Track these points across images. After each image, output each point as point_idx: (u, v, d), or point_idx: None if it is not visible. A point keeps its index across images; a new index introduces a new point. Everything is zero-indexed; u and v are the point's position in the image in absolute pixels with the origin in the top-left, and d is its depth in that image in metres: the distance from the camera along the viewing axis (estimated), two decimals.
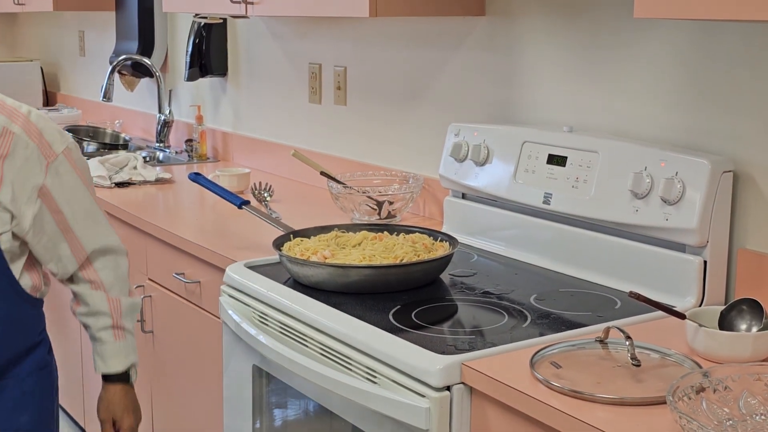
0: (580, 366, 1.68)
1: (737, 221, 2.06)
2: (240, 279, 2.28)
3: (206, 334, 2.64)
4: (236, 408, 2.33)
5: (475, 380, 1.69)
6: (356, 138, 3.24)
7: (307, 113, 3.48)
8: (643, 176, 2.08)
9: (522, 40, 2.55)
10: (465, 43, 2.73)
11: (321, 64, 3.36)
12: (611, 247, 2.17)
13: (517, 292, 2.14)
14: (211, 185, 2.69)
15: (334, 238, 2.35)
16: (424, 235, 2.36)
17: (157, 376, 2.99)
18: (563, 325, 1.92)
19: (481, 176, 2.49)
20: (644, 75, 2.24)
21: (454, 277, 2.26)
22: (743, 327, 1.79)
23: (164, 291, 2.88)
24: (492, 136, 2.49)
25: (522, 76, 2.56)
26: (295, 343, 2.05)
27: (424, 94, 2.91)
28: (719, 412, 1.47)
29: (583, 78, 2.39)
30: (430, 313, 2.03)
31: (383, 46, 3.06)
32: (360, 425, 1.90)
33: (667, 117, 2.20)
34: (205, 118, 4.07)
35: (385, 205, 2.76)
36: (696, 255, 2.02)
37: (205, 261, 2.58)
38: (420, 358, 1.75)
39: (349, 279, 2.11)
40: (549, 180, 2.31)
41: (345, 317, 1.97)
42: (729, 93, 2.06)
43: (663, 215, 2.05)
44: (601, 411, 1.52)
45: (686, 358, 1.70)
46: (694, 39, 2.11)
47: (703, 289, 2.02)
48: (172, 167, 3.88)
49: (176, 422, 2.92)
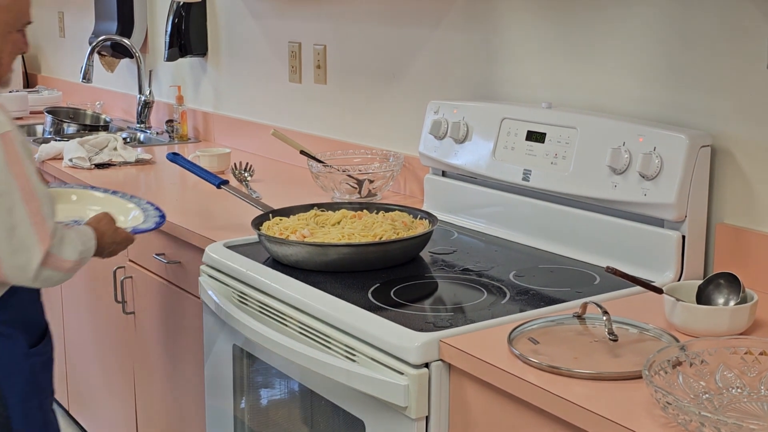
0: (558, 341, 1.68)
1: (715, 196, 2.06)
2: (219, 259, 2.27)
3: (187, 315, 2.64)
4: (218, 388, 2.33)
5: (453, 357, 1.69)
6: (336, 117, 3.23)
7: (288, 92, 3.46)
8: (621, 152, 2.08)
9: (500, 17, 2.54)
10: (444, 20, 2.72)
11: (300, 42, 3.34)
12: (590, 223, 2.17)
13: (496, 269, 2.14)
14: (189, 165, 2.68)
15: (314, 217, 2.34)
16: (404, 213, 2.35)
17: (138, 356, 2.99)
18: (542, 301, 1.93)
19: (460, 154, 2.49)
20: (622, 51, 2.23)
21: (434, 255, 2.26)
22: (721, 301, 1.79)
23: (145, 272, 2.87)
24: (471, 114, 2.48)
25: (500, 53, 2.55)
26: (274, 323, 2.05)
27: (403, 72, 2.90)
28: (696, 386, 1.48)
29: (561, 54, 2.39)
30: (409, 290, 2.02)
31: (362, 24, 3.05)
32: (340, 403, 1.90)
33: (645, 92, 2.19)
34: (185, 98, 4.05)
35: (366, 183, 2.75)
36: (674, 230, 2.03)
37: (185, 241, 2.57)
38: (398, 335, 1.75)
39: (328, 258, 2.10)
40: (528, 156, 2.31)
41: (324, 296, 1.97)
42: (706, 68, 2.05)
43: (641, 190, 2.05)
44: (578, 386, 1.52)
45: (664, 332, 1.70)
46: (672, 14, 2.11)
47: (681, 264, 2.03)
48: (153, 148, 3.86)
49: (158, 403, 2.92)
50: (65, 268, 2.00)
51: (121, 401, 3.13)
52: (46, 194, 1.98)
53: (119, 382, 3.12)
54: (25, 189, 1.92)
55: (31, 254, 1.93)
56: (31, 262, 1.93)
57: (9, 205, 1.92)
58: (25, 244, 1.93)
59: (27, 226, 1.92)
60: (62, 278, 2.02)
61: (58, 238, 1.98)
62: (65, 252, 1.99)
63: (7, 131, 1.93)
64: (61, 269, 1.99)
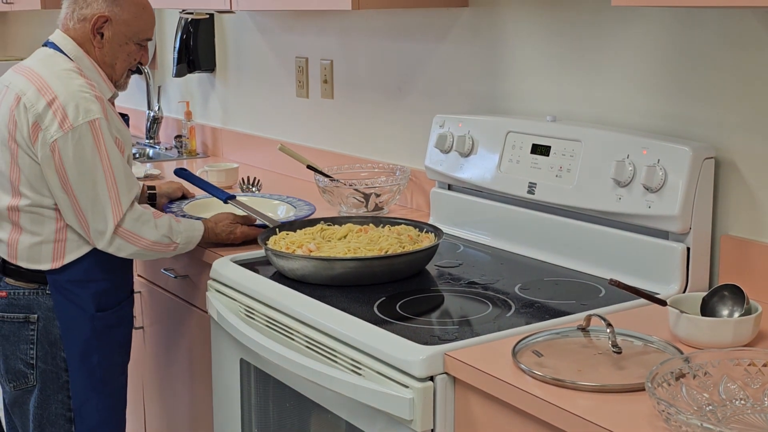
0: (562, 354, 1.69)
1: (720, 208, 2.06)
2: (226, 274, 2.29)
3: (195, 329, 2.65)
4: (225, 401, 2.34)
5: (458, 370, 1.70)
6: (343, 131, 3.24)
7: (295, 107, 3.48)
8: (625, 164, 2.09)
9: (505, 31, 2.55)
10: (449, 34, 2.74)
11: (307, 57, 3.36)
12: (595, 236, 2.18)
13: (502, 281, 2.15)
14: (196, 180, 2.70)
15: (320, 231, 2.35)
16: (410, 226, 2.36)
17: (147, 370, 3.00)
18: (547, 313, 1.93)
19: (466, 167, 2.50)
20: (626, 64, 2.24)
21: (440, 268, 2.27)
22: (725, 313, 1.79)
23: (153, 287, 2.89)
24: (476, 127, 2.49)
25: (505, 66, 2.57)
26: (281, 337, 2.06)
27: (409, 86, 2.92)
28: (699, 398, 1.48)
29: (565, 68, 2.40)
30: (415, 304, 2.03)
31: (368, 39, 3.06)
32: (346, 417, 1.91)
33: (649, 105, 2.20)
34: (194, 113, 4.07)
35: (372, 197, 2.76)
36: (679, 242, 2.03)
37: (193, 256, 2.59)
38: (403, 349, 1.75)
39: (334, 272, 2.11)
40: (533, 170, 2.32)
41: (330, 310, 1.98)
42: (709, 80, 2.06)
43: (646, 203, 2.05)
44: (582, 399, 1.52)
45: (668, 344, 1.71)
46: (674, 27, 2.12)
47: (686, 276, 2.03)
48: (162, 163, 3.88)
49: (167, 416, 2.93)
50: (141, 244, 2.33)
51: (129, 414, 3.14)
52: (125, 175, 2.32)
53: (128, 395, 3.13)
54: (106, 167, 2.27)
55: (107, 222, 2.29)
56: (106, 228, 2.29)
57: (93, 179, 2.27)
58: (103, 213, 2.29)
59: (105, 199, 2.28)
60: (138, 252, 2.35)
61: (137, 217, 2.32)
62: (144, 231, 2.33)
63: (96, 118, 2.26)
64: (136, 244, 2.32)
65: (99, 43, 2.39)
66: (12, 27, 6.33)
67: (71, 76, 2.32)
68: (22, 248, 2.36)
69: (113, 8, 2.38)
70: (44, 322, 2.38)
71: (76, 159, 2.25)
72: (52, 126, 2.24)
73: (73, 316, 2.39)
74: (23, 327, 2.39)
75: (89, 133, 2.25)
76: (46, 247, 2.35)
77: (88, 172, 2.26)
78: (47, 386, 2.42)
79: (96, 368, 2.43)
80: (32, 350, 2.40)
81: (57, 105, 2.25)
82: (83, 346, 2.40)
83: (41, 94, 2.27)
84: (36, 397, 2.42)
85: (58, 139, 2.24)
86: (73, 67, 2.34)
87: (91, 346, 2.41)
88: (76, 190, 2.27)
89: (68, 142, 2.24)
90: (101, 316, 2.42)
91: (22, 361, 2.41)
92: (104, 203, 2.27)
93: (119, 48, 2.40)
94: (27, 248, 2.36)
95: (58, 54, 2.38)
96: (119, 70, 2.44)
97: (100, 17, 2.37)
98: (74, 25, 2.38)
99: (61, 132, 2.24)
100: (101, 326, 2.42)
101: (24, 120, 2.27)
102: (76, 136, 2.24)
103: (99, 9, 2.37)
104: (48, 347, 2.40)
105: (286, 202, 2.81)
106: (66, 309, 2.38)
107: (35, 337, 2.39)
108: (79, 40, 2.38)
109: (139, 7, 2.43)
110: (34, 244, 2.35)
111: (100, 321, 2.42)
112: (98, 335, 2.42)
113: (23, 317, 2.39)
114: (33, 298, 2.38)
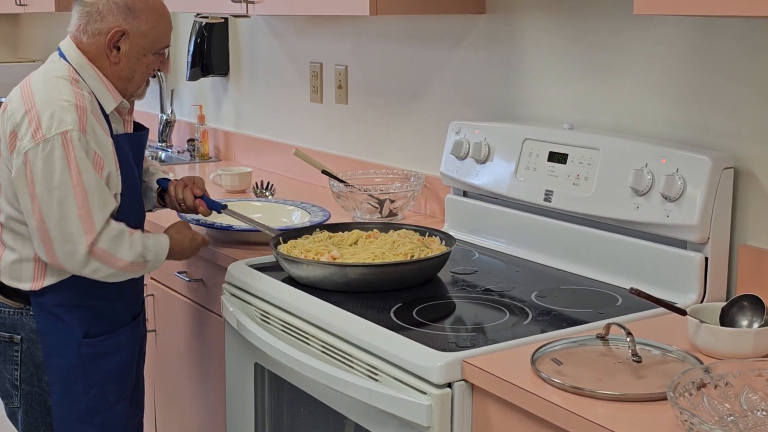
0: (581, 362, 1.68)
1: (738, 218, 2.06)
2: (242, 278, 2.29)
3: (209, 333, 2.65)
4: (239, 406, 2.33)
5: (477, 377, 1.69)
6: (358, 136, 3.24)
7: (309, 112, 3.48)
8: (643, 173, 2.08)
9: (522, 38, 2.55)
10: (465, 41, 2.74)
11: (322, 63, 3.36)
12: (612, 244, 2.17)
13: (518, 289, 2.14)
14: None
15: (327, 238, 2.34)
16: (410, 231, 2.36)
17: (160, 374, 3.00)
18: (564, 322, 1.93)
19: (482, 174, 2.50)
20: (644, 72, 2.24)
21: (456, 275, 2.26)
22: (744, 323, 1.78)
23: (167, 290, 2.89)
24: (493, 134, 2.49)
25: (522, 73, 2.56)
26: (296, 341, 2.06)
27: (424, 92, 2.92)
28: (720, 408, 1.47)
29: (583, 75, 2.39)
30: (431, 310, 2.03)
31: (384, 44, 3.07)
32: (362, 422, 1.90)
33: (668, 114, 2.20)
34: (207, 117, 4.07)
35: (387, 203, 2.76)
36: (697, 252, 2.02)
37: (207, 259, 2.59)
38: (421, 355, 1.75)
39: (368, 276, 2.10)
40: (550, 177, 2.31)
41: (347, 315, 1.98)
42: (729, 89, 2.06)
43: (664, 212, 2.05)
44: (602, 407, 1.52)
45: (687, 354, 1.70)
46: (694, 36, 2.11)
47: (704, 286, 2.02)
48: (174, 167, 3.88)
49: (179, 420, 2.93)
50: (118, 265, 2.15)
51: None
52: (98, 190, 2.11)
53: None
54: (76, 183, 2.08)
55: (77, 243, 2.10)
56: (77, 250, 2.10)
57: (61, 198, 2.08)
58: (72, 234, 2.09)
59: (74, 218, 2.09)
60: (115, 274, 2.16)
61: (113, 236, 2.13)
62: (120, 251, 2.14)
63: (68, 129, 2.08)
64: (112, 266, 2.14)
65: (115, 58, 2.22)
66: (24, 29, 6.34)
67: (58, 83, 2.16)
68: (4, 264, 2.25)
69: (130, 20, 2.20)
70: (28, 344, 2.26)
71: (44, 173, 2.08)
72: (26, 136, 2.10)
73: (57, 341, 2.24)
74: (8, 347, 2.29)
75: (60, 145, 2.07)
76: (26, 265, 2.22)
77: (56, 187, 2.08)
78: (33, 408, 2.30)
79: (81, 397, 2.27)
80: (17, 371, 2.28)
81: (33, 113, 2.11)
82: (66, 373, 2.25)
83: (23, 101, 2.14)
84: (22, 419, 2.32)
85: (29, 150, 2.08)
86: (64, 75, 2.18)
87: (75, 373, 2.26)
88: (44, 206, 2.09)
89: (38, 154, 2.08)
90: (89, 343, 2.26)
91: (9, 381, 2.31)
92: (73, 223, 2.09)
93: (137, 61, 2.24)
94: (8, 265, 2.24)
95: (61, 61, 2.23)
96: (137, 83, 2.28)
97: (117, 31, 2.19)
98: (87, 39, 2.21)
99: (33, 143, 2.08)
100: (88, 354, 2.26)
101: (5, 128, 2.16)
102: (47, 148, 2.07)
103: (115, 22, 2.19)
104: (33, 369, 2.28)
105: (301, 208, 2.80)
106: (50, 332, 2.24)
107: (19, 358, 2.27)
108: (92, 55, 2.21)
109: (156, 15, 2.25)
110: (14, 261, 2.23)
111: (88, 348, 2.26)
112: (84, 363, 2.26)
113: (8, 337, 2.28)
114: (17, 318, 2.26)
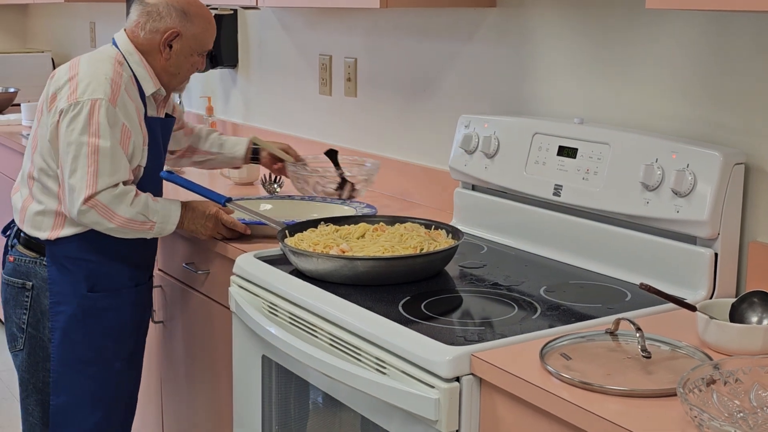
0: (590, 358, 1.68)
1: (748, 213, 2.05)
2: (250, 270, 2.28)
3: (216, 325, 2.65)
4: (246, 398, 2.33)
5: (485, 371, 1.69)
6: (366, 129, 3.24)
7: (318, 105, 3.48)
8: (654, 168, 2.07)
9: (533, 32, 2.54)
10: (476, 34, 2.73)
11: (331, 55, 3.36)
12: (622, 239, 2.17)
13: (526, 283, 2.14)
14: (187, 183, 2.56)
15: (334, 231, 2.34)
16: (416, 224, 2.35)
17: (167, 366, 3.00)
18: (573, 316, 1.92)
19: (491, 168, 2.49)
20: (655, 67, 2.23)
21: (464, 269, 2.26)
22: (754, 319, 1.78)
23: (174, 281, 2.89)
24: (502, 128, 2.48)
25: (533, 67, 2.56)
26: (304, 334, 2.05)
27: (434, 85, 2.91)
28: (730, 405, 1.47)
29: (594, 70, 2.38)
30: (440, 304, 2.02)
31: (394, 37, 3.06)
32: (369, 416, 1.90)
33: (679, 109, 2.19)
34: (215, 109, 4.07)
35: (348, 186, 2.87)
36: (707, 247, 2.02)
37: (215, 251, 2.59)
38: (429, 349, 1.75)
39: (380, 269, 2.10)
40: (559, 172, 2.31)
41: (354, 308, 1.97)
42: (741, 85, 2.05)
43: (674, 207, 2.04)
44: (611, 403, 1.52)
45: (697, 350, 1.70)
46: (706, 30, 2.10)
47: (714, 282, 2.02)
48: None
49: (186, 412, 2.93)
50: (115, 221, 2.38)
51: (148, 410, 3.15)
52: (111, 157, 2.36)
53: (147, 390, 3.13)
54: (92, 145, 2.34)
55: (79, 194, 2.35)
56: (77, 200, 2.35)
57: (75, 153, 2.35)
58: (77, 185, 2.35)
59: (83, 173, 2.34)
60: (116, 230, 2.40)
61: (117, 194, 2.37)
62: (119, 208, 2.37)
63: (99, 98, 2.37)
64: (110, 220, 2.37)
65: (167, 55, 2.52)
66: (33, 19, 6.35)
67: (103, 61, 2.46)
68: (29, 215, 2.50)
69: (185, 23, 2.51)
70: (37, 291, 2.52)
71: (68, 130, 2.36)
72: (63, 98, 2.40)
73: (64, 291, 2.51)
74: (21, 293, 2.55)
75: (87, 109, 2.36)
76: (48, 216, 2.48)
77: (73, 143, 2.35)
78: (35, 352, 2.55)
79: (77, 345, 2.53)
80: (25, 315, 2.54)
81: (75, 81, 2.41)
82: (67, 321, 2.51)
83: (69, 70, 2.46)
84: (24, 360, 2.57)
85: (63, 109, 2.38)
86: (111, 56, 2.49)
87: (75, 322, 2.51)
88: (62, 159, 2.38)
89: (68, 113, 2.37)
90: (91, 297, 2.53)
91: (16, 324, 2.57)
92: (80, 177, 2.34)
93: (185, 59, 2.54)
94: (32, 215, 2.50)
95: (113, 47, 2.53)
96: (181, 78, 2.58)
97: (173, 32, 2.51)
98: (144, 35, 2.51)
99: (66, 103, 2.38)
100: (90, 306, 2.52)
101: (48, 91, 2.47)
102: (76, 109, 2.36)
103: (172, 23, 2.51)
104: (40, 315, 2.53)
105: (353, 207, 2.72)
106: (58, 282, 2.50)
107: (29, 303, 2.53)
108: (145, 48, 2.51)
109: (206, 21, 2.56)
110: (38, 212, 2.49)
111: (89, 301, 2.52)
112: (85, 314, 2.52)
113: (21, 283, 2.55)
114: (32, 267, 2.53)
